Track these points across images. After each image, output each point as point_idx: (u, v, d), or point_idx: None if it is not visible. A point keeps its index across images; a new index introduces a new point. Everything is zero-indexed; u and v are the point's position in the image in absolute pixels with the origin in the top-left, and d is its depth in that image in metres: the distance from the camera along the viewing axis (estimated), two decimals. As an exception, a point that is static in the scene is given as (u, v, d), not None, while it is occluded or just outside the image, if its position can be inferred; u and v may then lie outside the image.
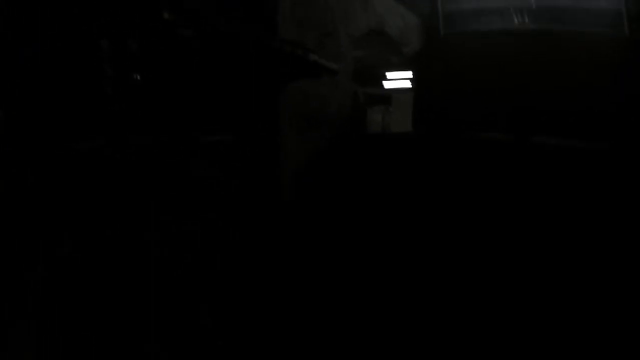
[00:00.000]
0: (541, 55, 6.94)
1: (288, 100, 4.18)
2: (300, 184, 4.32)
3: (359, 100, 7.76)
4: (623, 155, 5.00)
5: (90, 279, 2.34)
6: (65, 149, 2.32)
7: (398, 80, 9.51)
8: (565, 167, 5.08)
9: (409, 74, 8.67)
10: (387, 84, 9.84)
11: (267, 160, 3.92)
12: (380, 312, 3.72)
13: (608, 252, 3.99)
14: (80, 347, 2.25)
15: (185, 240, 2.96)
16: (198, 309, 3.01)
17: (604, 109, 6.10)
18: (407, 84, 9.58)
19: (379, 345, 3.42)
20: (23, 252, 2.08)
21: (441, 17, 7.10)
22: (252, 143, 3.89)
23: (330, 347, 3.34)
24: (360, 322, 3.60)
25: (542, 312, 3.57)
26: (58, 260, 2.22)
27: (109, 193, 2.49)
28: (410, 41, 6.11)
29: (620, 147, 5.25)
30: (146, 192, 2.70)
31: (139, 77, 2.74)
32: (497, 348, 3.37)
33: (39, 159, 2.21)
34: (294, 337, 3.36)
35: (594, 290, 3.62)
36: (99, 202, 2.44)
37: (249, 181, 3.72)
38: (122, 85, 2.62)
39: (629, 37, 6.90)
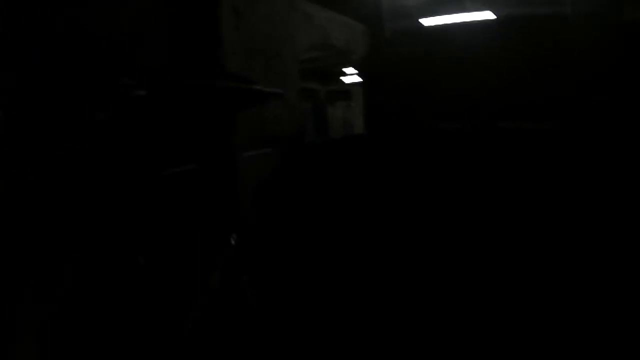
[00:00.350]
0: (490, 43, 7.40)
1: (242, 125, 4.71)
2: (259, 200, 4.85)
3: (320, 99, 8.25)
4: (579, 133, 5.49)
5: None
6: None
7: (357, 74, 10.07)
8: (530, 148, 5.58)
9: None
10: (347, 79, 10.36)
11: (226, 182, 4.47)
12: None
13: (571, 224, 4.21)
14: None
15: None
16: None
17: (558, 91, 6.48)
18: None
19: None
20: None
21: (385, 19, 7.60)
22: (212, 168, 4.43)
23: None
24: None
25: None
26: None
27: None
28: (357, 48, 6.61)
29: (576, 126, 5.69)
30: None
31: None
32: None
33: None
34: None
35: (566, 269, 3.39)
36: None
37: (210, 203, 4.26)
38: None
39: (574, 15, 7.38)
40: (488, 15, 7.57)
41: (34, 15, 2.74)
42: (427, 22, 7.58)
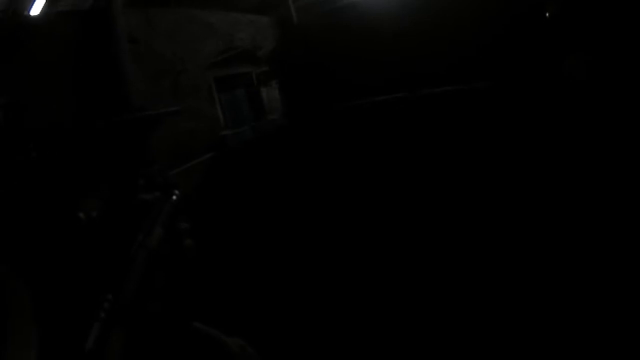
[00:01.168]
0: (401, 16, 7.49)
1: (160, 144, 5.23)
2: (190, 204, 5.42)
3: (253, 82, 8.51)
4: (499, 90, 5.83)
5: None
6: None
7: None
8: (455, 108, 5.97)
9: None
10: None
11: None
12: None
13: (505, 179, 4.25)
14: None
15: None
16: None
17: (476, 53, 6.64)
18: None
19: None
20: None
21: (293, 7, 7.84)
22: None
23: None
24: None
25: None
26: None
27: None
28: (264, 43, 6.99)
29: (496, 84, 6.06)
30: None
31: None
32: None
33: None
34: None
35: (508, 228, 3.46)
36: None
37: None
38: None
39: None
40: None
41: None
42: (330, 6, 7.75)
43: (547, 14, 6.27)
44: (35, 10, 8.90)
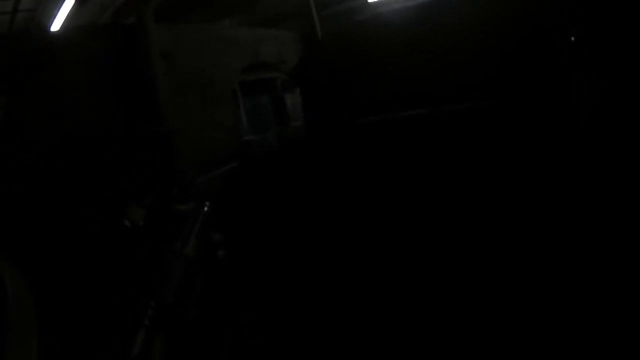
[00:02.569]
0: (423, 30, 7.64)
1: (187, 152, 5.46)
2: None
3: (277, 89, 8.64)
4: (515, 107, 5.92)
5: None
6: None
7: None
8: (476, 125, 6.07)
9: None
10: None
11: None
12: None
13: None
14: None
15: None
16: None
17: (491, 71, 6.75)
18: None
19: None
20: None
21: (317, 22, 8.04)
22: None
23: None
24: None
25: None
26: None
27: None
28: (288, 57, 7.20)
29: (511, 102, 6.16)
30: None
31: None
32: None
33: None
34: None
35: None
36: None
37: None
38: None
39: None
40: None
41: None
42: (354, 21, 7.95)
43: (573, 38, 6.31)
44: (57, 24, 9.21)
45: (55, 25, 9.35)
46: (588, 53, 5.56)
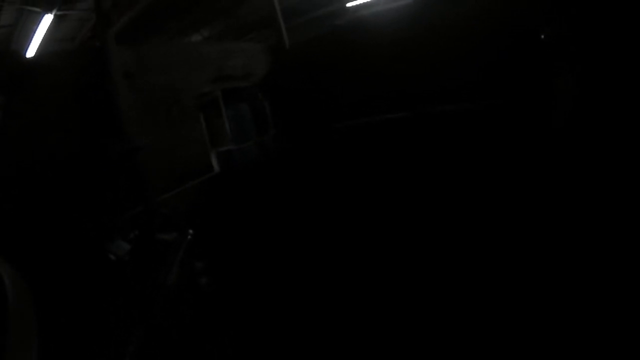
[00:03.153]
0: (396, 34, 7.69)
1: (153, 173, 5.47)
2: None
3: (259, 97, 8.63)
4: (494, 109, 5.98)
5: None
6: None
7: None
8: (453, 128, 6.15)
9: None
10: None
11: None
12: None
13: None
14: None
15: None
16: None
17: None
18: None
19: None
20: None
21: (284, 32, 8.14)
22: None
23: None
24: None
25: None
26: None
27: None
28: (256, 69, 7.25)
29: (490, 103, 6.22)
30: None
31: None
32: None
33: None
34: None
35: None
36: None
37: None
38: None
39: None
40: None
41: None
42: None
43: (543, 36, 6.36)
44: (32, 50, 9.33)
45: (35, 41, 9.52)
46: (562, 52, 5.67)
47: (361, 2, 12.66)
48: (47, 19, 9.45)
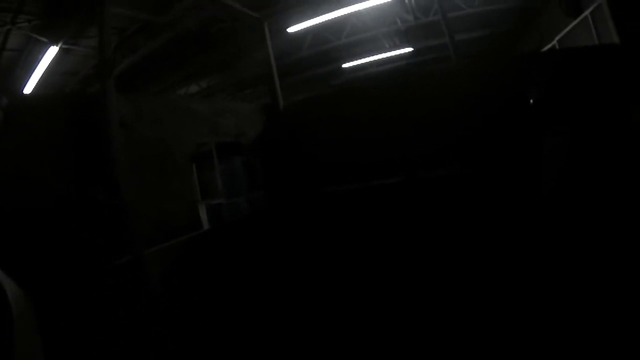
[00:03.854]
0: (388, 100, 7.96)
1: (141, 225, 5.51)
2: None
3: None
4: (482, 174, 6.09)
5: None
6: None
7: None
8: (453, 192, 6.23)
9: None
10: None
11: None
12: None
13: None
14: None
15: None
16: None
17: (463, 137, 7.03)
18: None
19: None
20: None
21: (279, 91, 8.42)
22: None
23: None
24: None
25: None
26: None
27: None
28: (247, 129, 7.46)
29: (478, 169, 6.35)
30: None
31: None
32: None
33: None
34: None
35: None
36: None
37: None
38: None
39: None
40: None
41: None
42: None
43: (531, 101, 6.55)
44: (35, 79, 9.54)
45: (39, 71, 9.71)
46: (548, 116, 5.92)
47: (356, 63, 13.22)
48: (52, 51, 9.66)
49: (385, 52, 14.09)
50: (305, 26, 9.68)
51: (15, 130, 4.90)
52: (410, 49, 13.90)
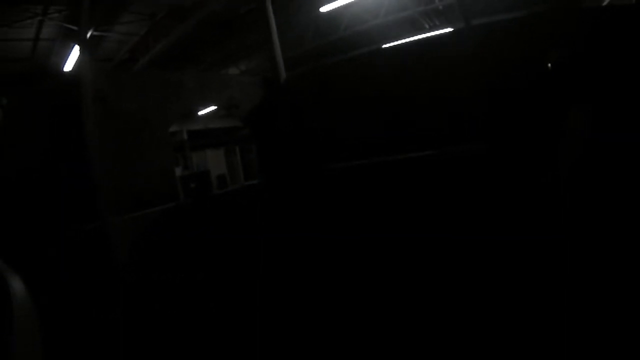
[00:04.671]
0: (394, 71, 7.54)
1: (113, 193, 5.65)
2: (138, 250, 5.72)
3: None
4: (495, 152, 5.62)
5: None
6: None
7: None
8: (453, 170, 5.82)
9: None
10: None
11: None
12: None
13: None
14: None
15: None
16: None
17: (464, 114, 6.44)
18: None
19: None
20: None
21: (282, 64, 8.16)
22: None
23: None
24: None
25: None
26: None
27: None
28: (242, 102, 7.37)
29: (492, 147, 5.88)
30: None
31: None
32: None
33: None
34: None
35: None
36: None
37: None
38: None
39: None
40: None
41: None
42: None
43: (550, 65, 6.01)
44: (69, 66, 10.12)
45: (72, 58, 10.35)
46: (572, 81, 5.20)
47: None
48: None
49: (424, 32, 13.39)
50: (338, 5, 9.26)
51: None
52: (450, 30, 13.08)
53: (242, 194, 7.12)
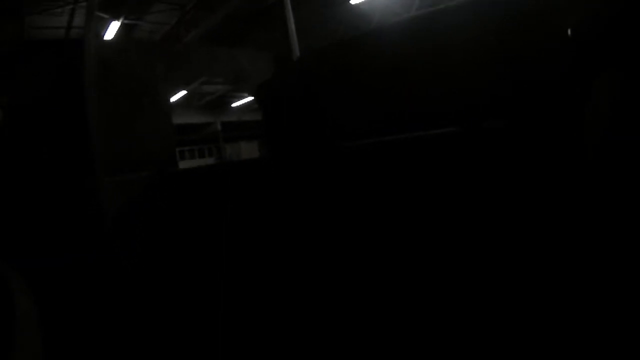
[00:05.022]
0: (409, 48, 7.33)
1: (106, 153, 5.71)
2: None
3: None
4: (515, 131, 5.37)
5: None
6: None
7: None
8: (470, 149, 5.59)
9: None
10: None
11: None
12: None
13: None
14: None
15: None
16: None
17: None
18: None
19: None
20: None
21: (295, 40, 8.03)
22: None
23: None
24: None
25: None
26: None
27: None
28: (250, 77, 7.32)
29: (512, 125, 5.64)
30: None
31: None
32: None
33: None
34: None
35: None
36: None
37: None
38: None
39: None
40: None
41: None
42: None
43: (569, 31, 5.62)
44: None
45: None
46: (596, 47, 4.79)
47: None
48: (115, 26, 10.40)
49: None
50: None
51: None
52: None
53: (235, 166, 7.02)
